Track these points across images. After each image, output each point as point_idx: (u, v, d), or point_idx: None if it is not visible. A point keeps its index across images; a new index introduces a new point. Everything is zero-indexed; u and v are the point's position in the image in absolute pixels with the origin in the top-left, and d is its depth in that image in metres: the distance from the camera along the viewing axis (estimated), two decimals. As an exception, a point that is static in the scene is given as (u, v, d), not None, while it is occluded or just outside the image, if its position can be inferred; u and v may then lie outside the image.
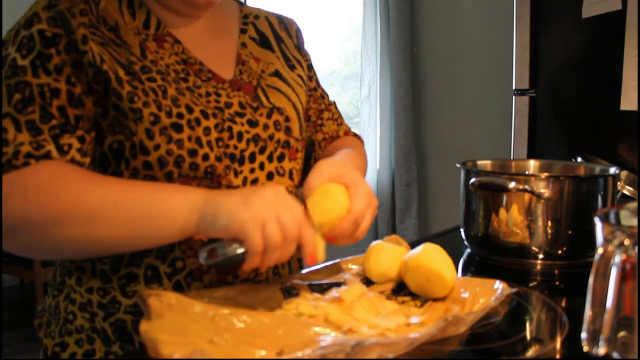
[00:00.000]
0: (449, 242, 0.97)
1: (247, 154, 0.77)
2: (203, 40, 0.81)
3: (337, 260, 0.81)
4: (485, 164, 1.06)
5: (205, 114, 0.73)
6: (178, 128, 0.70)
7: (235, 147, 0.76)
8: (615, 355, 0.46)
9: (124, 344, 0.72)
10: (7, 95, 0.66)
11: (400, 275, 0.72)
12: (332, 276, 0.76)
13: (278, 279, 0.81)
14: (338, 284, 0.72)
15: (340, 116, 1.02)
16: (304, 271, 0.81)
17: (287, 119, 0.82)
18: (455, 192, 1.00)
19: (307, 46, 0.99)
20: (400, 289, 0.72)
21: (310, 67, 0.97)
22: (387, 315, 0.63)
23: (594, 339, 0.47)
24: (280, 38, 0.92)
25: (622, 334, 0.45)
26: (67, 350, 0.74)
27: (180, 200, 0.63)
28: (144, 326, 0.55)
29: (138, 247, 0.67)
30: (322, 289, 0.71)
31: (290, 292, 0.70)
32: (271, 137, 0.80)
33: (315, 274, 0.77)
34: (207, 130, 0.72)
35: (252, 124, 0.78)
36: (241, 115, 0.77)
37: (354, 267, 0.80)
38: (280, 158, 0.81)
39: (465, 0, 2.39)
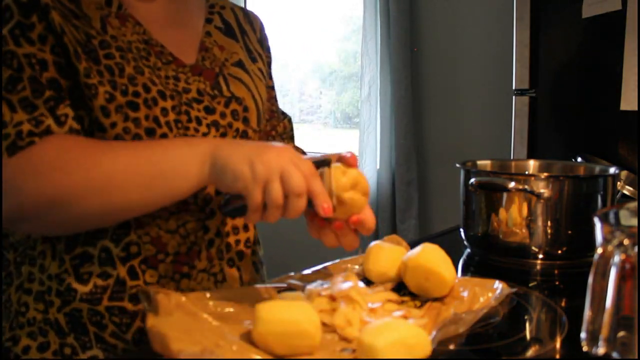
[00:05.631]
0: (449, 242, 0.97)
1: (209, 138, 0.76)
2: (163, 25, 0.80)
3: (337, 261, 0.81)
4: (485, 164, 1.06)
5: (162, 94, 0.72)
6: (134, 106, 0.70)
7: (197, 130, 0.75)
8: (614, 355, 0.46)
9: (78, 335, 0.70)
10: None
11: (399, 275, 0.72)
12: (331, 277, 0.76)
13: (236, 272, 0.80)
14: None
15: (291, 133, 1.01)
16: (305, 272, 0.81)
17: (246, 109, 0.82)
18: (456, 192, 1.00)
19: (303, 45, 0.99)
20: (400, 289, 0.72)
21: (269, 65, 0.97)
22: (386, 316, 0.63)
23: (593, 339, 0.47)
24: (244, 30, 0.92)
25: (621, 334, 0.45)
26: (19, 344, 0.71)
27: (190, 154, 0.63)
28: (150, 321, 0.56)
29: (156, 207, 0.67)
30: (322, 289, 0.71)
31: (289, 292, 0.69)
32: (230, 125, 0.80)
33: (315, 275, 0.77)
34: (164, 111, 0.72)
35: (209, 110, 0.78)
36: (198, 101, 0.77)
37: (354, 267, 0.80)
38: None
39: (465, 0, 2.38)
